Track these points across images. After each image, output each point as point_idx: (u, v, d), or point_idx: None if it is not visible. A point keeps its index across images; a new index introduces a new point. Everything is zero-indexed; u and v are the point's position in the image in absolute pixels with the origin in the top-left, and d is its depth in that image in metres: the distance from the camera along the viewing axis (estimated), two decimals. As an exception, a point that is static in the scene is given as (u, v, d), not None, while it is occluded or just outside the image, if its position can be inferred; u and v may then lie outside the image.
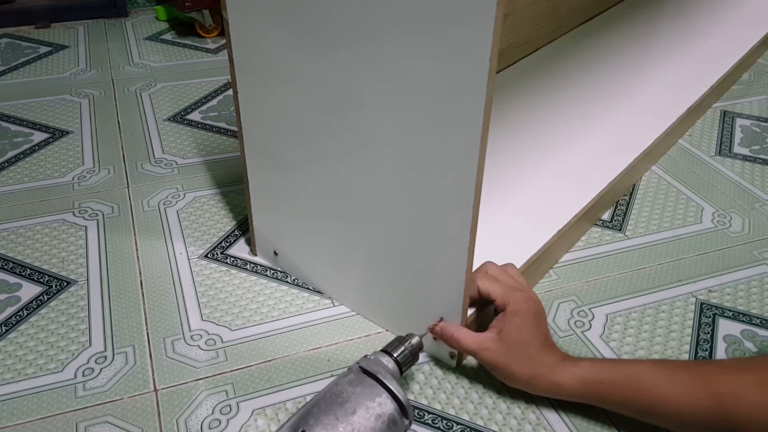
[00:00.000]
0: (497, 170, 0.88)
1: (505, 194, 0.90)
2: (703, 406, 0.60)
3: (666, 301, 0.83)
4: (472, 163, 0.59)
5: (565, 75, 1.08)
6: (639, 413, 0.65)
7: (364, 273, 0.76)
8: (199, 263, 0.86)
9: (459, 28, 0.53)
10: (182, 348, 0.74)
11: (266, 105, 0.73)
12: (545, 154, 0.99)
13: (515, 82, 0.97)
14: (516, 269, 0.74)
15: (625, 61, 1.23)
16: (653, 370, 0.64)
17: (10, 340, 0.75)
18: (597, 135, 1.04)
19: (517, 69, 0.96)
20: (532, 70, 1.00)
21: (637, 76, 1.22)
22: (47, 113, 1.19)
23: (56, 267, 0.85)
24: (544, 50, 1.03)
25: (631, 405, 0.65)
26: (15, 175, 1.03)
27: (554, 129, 1.04)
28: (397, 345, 0.66)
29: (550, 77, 1.05)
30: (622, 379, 0.64)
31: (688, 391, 0.61)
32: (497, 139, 0.81)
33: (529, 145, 0.99)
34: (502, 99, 0.87)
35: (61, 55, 1.41)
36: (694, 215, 0.98)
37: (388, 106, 0.62)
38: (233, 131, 1.16)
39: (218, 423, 0.67)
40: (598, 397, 0.66)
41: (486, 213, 0.66)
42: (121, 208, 0.96)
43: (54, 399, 0.69)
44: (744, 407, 0.58)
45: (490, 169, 0.62)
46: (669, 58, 1.29)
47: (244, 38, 0.71)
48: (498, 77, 0.55)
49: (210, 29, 1.50)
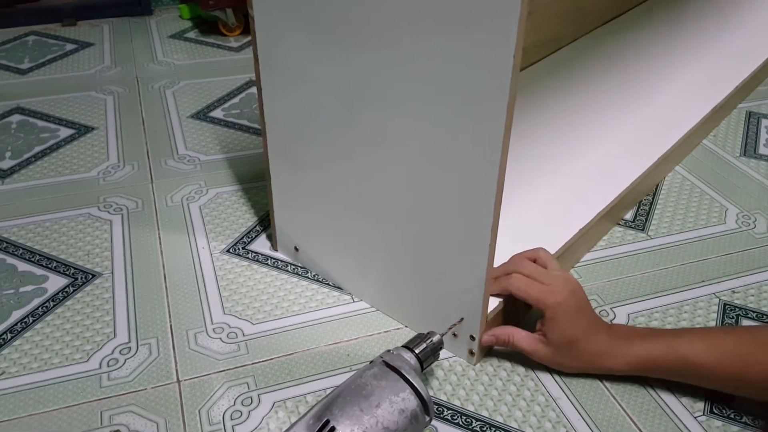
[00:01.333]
0: (519, 168, 0.87)
1: (526, 192, 0.90)
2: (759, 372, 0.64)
3: (689, 301, 0.82)
4: (494, 161, 0.59)
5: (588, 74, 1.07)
6: (696, 384, 0.69)
7: (384, 269, 0.76)
8: (221, 258, 0.87)
9: (483, 26, 0.53)
10: (204, 340, 0.75)
11: (289, 102, 0.74)
12: (567, 153, 0.99)
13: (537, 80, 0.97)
14: (547, 254, 0.74)
15: (649, 60, 1.22)
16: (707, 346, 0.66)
17: (37, 331, 0.76)
18: (620, 134, 1.04)
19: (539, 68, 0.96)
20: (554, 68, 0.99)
21: (661, 75, 1.21)
22: (73, 109, 1.21)
23: (82, 260, 0.86)
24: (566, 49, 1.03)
25: (688, 379, 0.69)
26: (41, 169, 1.04)
27: (576, 128, 1.03)
28: (419, 341, 0.67)
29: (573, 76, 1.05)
30: (676, 359, 0.66)
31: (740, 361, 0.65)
32: (519, 137, 0.81)
33: (551, 144, 0.99)
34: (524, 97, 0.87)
35: (87, 52, 1.43)
36: (718, 216, 0.97)
37: (410, 104, 0.62)
38: (255, 129, 1.17)
39: (240, 414, 0.68)
40: (653, 374, 0.70)
41: (507, 211, 0.66)
42: (145, 203, 0.97)
43: (79, 388, 0.70)
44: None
45: (512, 167, 0.62)
46: (693, 58, 1.27)
47: (269, 36, 0.71)
48: (520, 76, 0.55)
49: (233, 28, 1.51)
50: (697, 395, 0.71)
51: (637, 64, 1.21)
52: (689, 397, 0.70)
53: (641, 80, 1.18)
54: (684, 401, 0.70)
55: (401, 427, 0.58)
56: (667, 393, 0.71)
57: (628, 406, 0.69)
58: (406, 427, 0.59)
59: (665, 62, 1.25)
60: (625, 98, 1.12)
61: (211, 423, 0.66)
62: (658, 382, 0.72)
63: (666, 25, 1.36)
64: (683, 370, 0.67)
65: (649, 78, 1.20)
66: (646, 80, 1.19)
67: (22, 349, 0.74)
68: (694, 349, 0.66)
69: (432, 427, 0.67)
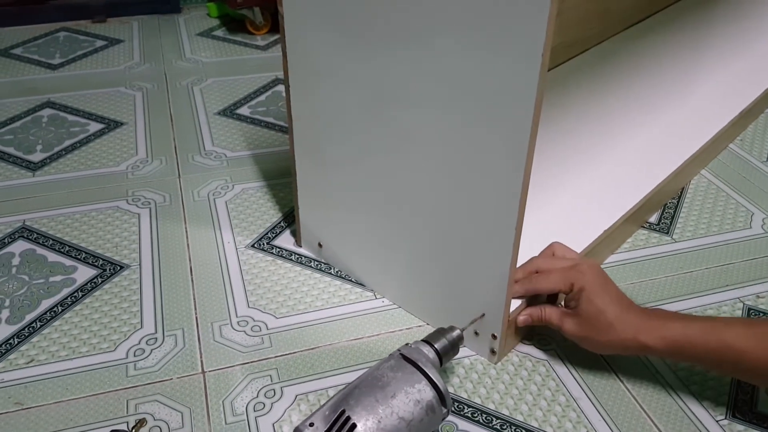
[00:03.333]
0: (544, 169, 0.87)
1: (551, 192, 0.90)
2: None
3: (713, 305, 0.82)
4: (520, 161, 0.59)
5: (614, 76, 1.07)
6: (732, 374, 0.68)
7: (407, 267, 0.77)
8: (246, 252, 0.88)
9: (512, 24, 0.53)
10: (229, 333, 0.77)
11: (316, 100, 0.75)
12: (592, 155, 0.98)
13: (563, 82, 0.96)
14: (563, 246, 0.74)
15: (675, 63, 1.21)
16: (746, 334, 0.63)
17: (66, 320, 0.78)
18: (645, 137, 1.03)
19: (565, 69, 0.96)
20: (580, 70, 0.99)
21: (688, 78, 1.20)
22: (102, 104, 1.23)
23: (110, 252, 0.88)
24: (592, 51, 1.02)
25: (724, 367, 0.66)
26: (71, 163, 1.06)
27: (602, 130, 1.03)
28: (439, 336, 0.67)
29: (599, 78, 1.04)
30: (717, 343, 0.63)
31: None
32: (544, 138, 0.81)
33: (577, 145, 0.99)
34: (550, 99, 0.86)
35: (117, 49, 1.45)
36: (744, 220, 0.97)
37: (437, 103, 0.63)
38: (281, 126, 1.18)
39: (263, 406, 0.68)
40: (689, 359, 0.67)
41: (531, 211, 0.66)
42: (173, 197, 0.99)
43: (106, 377, 0.71)
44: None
45: (537, 168, 0.63)
46: (721, 62, 1.26)
47: (298, 34, 0.72)
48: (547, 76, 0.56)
49: (260, 26, 1.52)
50: (719, 398, 0.70)
51: (664, 67, 1.21)
52: (711, 401, 0.70)
53: (668, 83, 1.17)
54: (706, 404, 0.70)
55: (417, 418, 0.59)
56: (689, 396, 0.71)
57: (649, 408, 0.69)
58: (422, 418, 0.59)
59: (692, 65, 1.24)
60: (651, 101, 1.12)
61: (234, 414, 0.68)
62: (680, 385, 0.71)
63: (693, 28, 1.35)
64: (722, 357, 0.63)
65: (675, 81, 1.19)
66: (673, 83, 1.18)
67: (50, 338, 0.76)
68: (738, 335, 0.63)
69: (452, 424, 0.68)
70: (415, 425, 0.59)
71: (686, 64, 1.24)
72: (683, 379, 0.72)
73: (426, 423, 0.60)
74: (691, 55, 1.26)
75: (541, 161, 0.80)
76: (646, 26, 1.26)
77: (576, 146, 0.99)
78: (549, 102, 0.86)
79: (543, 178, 0.87)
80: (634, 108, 1.10)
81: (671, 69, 1.21)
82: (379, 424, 0.57)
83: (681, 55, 1.25)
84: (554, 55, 1.08)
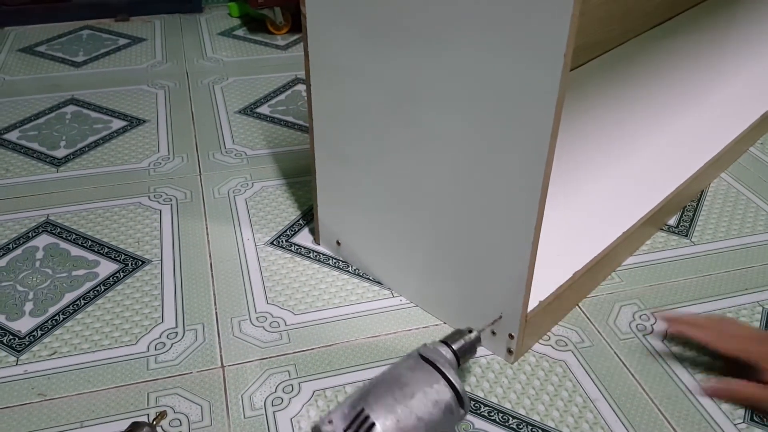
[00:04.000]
0: (564, 169, 0.88)
1: (570, 193, 0.90)
2: None
3: (731, 308, 0.81)
4: (540, 161, 0.59)
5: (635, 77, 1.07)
6: None
7: (425, 266, 0.77)
8: (266, 249, 0.89)
9: (534, 25, 0.54)
10: (248, 328, 0.77)
11: (337, 99, 0.76)
12: (612, 156, 0.98)
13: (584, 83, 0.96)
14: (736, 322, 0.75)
15: (697, 65, 1.20)
16: None
17: (88, 313, 0.79)
18: (665, 139, 1.03)
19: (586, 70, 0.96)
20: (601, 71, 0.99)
21: (709, 81, 1.19)
22: (125, 102, 1.24)
23: (132, 247, 0.89)
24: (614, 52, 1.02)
25: None
26: (95, 159, 1.08)
27: (622, 131, 1.03)
28: (457, 337, 0.67)
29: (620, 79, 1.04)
30: None
31: None
32: (564, 139, 0.81)
33: (597, 146, 0.99)
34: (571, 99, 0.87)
35: (139, 47, 1.47)
36: (764, 224, 0.96)
37: (458, 102, 0.63)
38: (300, 125, 1.19)
39: (281, 401, 0.69)
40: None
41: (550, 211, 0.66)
42: (194, 194, 1.00)
43: (127, 370, 0.72)
44: None
45: (557, 168, 0.63)
46: (742, 65, 1.25)
47: (320, 34, 0.73)
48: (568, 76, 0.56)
49: (280, 26, 1.54)
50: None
51: (685, 69, 1.20)
52: (730, 405, 0.70)
53: (688, 85, 1.17)
54: (724, 408, 0.69)
55: (435, 418, 0.59)
56: (707, 400, 0.70)
57: (666, 410, 0.69)
58: (440, 419, 0.60)
59: (714, 68, 1.23)
60: (671, 103, 1.11)
61: (253, 408, 0.68)
62: (697, 388, 0.71)
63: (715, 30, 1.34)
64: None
65: (696, 83, 1.18)
66: (694, 86, 1.17)
67: (73, 331, 0.77)
68: None
69: (469, 423, 0.68)
70: (433, 425, 0.59)
71: (707, 67, 1.23)
72: (701, 383, 0.72)
73: (444, 423, 0.60)
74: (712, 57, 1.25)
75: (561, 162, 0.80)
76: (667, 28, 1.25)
77: (596, 148, 0.99)
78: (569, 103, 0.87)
79: (562, 179, 0.87)
80: (655, 110, 1.09)
81: (692, 71, 1.20)
82: (397, 424, 0.58)
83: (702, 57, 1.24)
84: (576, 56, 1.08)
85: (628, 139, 1.02)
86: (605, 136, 1.00)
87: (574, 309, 0.81)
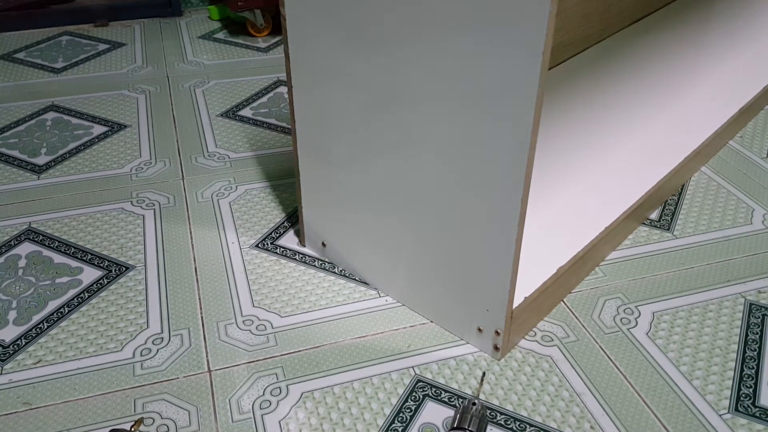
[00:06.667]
0: (545, 166, 0.88)
1: (552, 190, 0.90)
2: None
3: (714, 300, 0.82)
4: (522, 159, 0.60)
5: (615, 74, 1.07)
6: None
7: (410, 265, 0.77)
8: (251, 252, 0.89)
9: (513, 24, 0.54)
10: (234, 332, 0.77)
11: (320, 100, 0.76)
12: (593, 152, 0.99)
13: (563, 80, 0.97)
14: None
15: (676, 61, 1.22)
16: None
17: (72, 321, 0.79)
18: (646, 135, 1.04)
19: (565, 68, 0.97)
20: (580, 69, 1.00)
21: (688, 76, 1.20)
22: (106, 107, 1.24)
23: (115, 253, 0.89)
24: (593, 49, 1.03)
25: None
26: (76, 165, 1.07)
27: (603, 128, 1.03)
28: (465, 418, 0.65)
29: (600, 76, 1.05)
30: None
31: None
32: (545, 137, 0.82)
33: (578, 143, 0.99)
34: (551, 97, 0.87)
35: (119, 52, 1.46)
36: (744, 216, 0.97)
37: (439, 102, 0.63)
38: (283, 127, 1.19)
39: (269, 404, 0.69)
40: None
41: (533, 208, 0.67)
42: (177, 198, 0.99)
43: (113, 376, 0.72)
44: None
45: (539, 166, 0.63)
46: (721, 59, 1.27)
47: (300, 35, 0.73)
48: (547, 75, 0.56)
49: (261, 29, 1.53)
50: (721, 393, 0.71)
51: (664, 65, 1.21)
52: (714, 395, 0.71)
53: (668, 81, 1.18)
54: (709, 398, 0.70)
55: None
56: (692, 390, 0.71)
57: (652, 402, 0.70)
58: None
59: (692, 63, 1.24)
60: (651, 99, 1.12)
61: (241, 412, 0.68)
62: (683, 380, 0.72)
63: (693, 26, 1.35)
64: None
65: (675, 79, 1.19)
66: (673, 81, 1.18)
67: (58, 338, 0.77)
68: None
69: (457, 420, 0.68)
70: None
71: (686, 62, 1.24)
72: (686, 374, 0.73)
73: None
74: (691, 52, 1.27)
75: (543, 158, 0.80)
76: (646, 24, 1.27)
77: (577, 144, 1.00)
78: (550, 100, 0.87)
79: (545, 176, 0.87)
80: (635, 105, 1.10)
81: (671, 66, 1.21)
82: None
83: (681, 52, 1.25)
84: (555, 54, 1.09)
85: (609, 135, 1.03)
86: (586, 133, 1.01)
87: (559, 304, 0.81)
